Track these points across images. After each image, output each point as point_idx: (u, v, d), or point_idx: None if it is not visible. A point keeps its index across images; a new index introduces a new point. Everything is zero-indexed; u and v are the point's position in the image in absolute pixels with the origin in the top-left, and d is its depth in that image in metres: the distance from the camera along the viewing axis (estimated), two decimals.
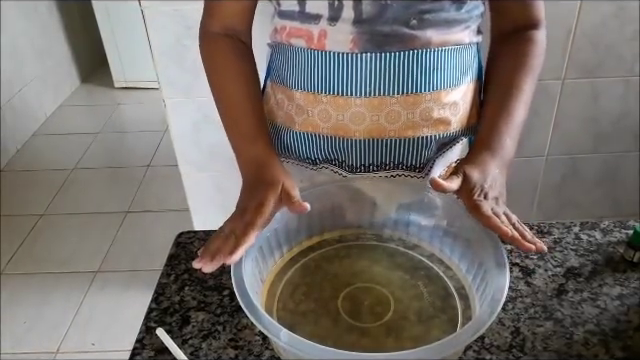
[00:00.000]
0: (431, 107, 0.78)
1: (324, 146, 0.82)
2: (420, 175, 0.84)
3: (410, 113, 0.78)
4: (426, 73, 0.76)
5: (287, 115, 0.83)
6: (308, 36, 0.76)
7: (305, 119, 0.81)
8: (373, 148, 0.80)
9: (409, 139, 0.80)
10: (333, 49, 0.75)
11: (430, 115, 0.79)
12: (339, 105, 0.78)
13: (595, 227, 0.85)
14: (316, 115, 0.80)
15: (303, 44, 0.77)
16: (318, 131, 0.81)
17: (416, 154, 0.81)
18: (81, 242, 2.22)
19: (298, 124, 0.82)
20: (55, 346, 1.79)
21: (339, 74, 0.76)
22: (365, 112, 0.77)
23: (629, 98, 1.56)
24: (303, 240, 0.77)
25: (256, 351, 0.67)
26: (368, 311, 0.67)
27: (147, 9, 1.39)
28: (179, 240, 0.87)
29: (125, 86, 3.37)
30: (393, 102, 0.77)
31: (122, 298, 1.94)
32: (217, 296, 0.75)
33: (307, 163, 0.86)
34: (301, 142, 0.84)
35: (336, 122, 0.79)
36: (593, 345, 0.67)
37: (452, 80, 0.79)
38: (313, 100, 0.79)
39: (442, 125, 0.80)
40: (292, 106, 0.82)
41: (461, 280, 0.70)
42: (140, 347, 0.69)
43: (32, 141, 2.94)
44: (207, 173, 1.66)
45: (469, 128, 0.85)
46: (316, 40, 0.76)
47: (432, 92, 0.78)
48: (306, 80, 0.79)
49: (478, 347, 0.67)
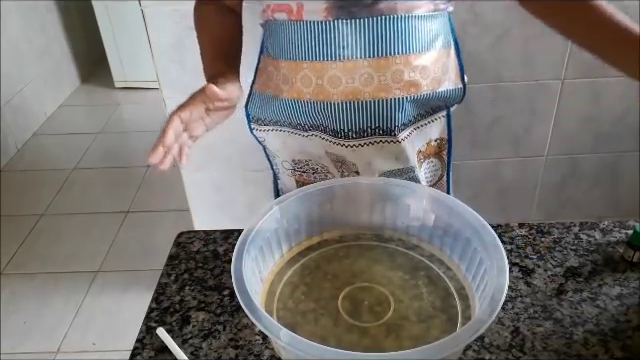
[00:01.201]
0: (401, 70, 0.84)
1: (308, 111, 0.88)
2: (396, 140, 0.88)
3: (382, 75, 0.84)
4: (394, 38, 0.82)
5: (276, 85, 0.90)
6: (288, 9, 0.84)
7: (290, 87, 0.87)
8: (351, 110, 0.86)
9: (382, 100, 0.85)
10: (309, 18, 0.83)
11: (401, 77, 0.84)
12: (317, 70, 0.84)
13: (595, 227, 0.85)
14: (299, 81, 0.86)
15: (285, 17, 0.85)
16: (302, 97, 0.87)
17: (390, 117, 0.86)
18: (81, 242, 2.22)
19: (285, 92, 0.89)
20: (55, 346, 1.79)
21: (316, 41, 0.83)
22: (341, 75, 0.84)
23: (629, 98, 1.56)
24: (303, 240, 0.77)
25: (256, 351, 0.67)
26: (368, 311, 0.67)
27: (147, 9, 1.39)
28: (179, 240, 0.87)
29: (125, 86, 3.37)
30: (365, 65, 0.83)
31: (122, 298, 1.95)
32: (217, 296, 0.76)
33: (299, 130, 0.92)
34: (289, 109, 0.90)
35: (316, 87, 0.85)
36: (592, 345, 0.67)
37: (420, 45, 0.84)
38: (295, 67, 0.86)
39: (413, 87, 0.85)
40: (279, 76, 0.89)
41: (461, 280, 0.70)
42: (140, 347, 0.69)
43: (32, 141, 2.94)
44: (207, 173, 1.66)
45: (442, 98, 0.90)
46: (295, 12, 0.83)
47: (401, 55, 0.83)
48: (288, 49, 0.86)
49: (478, 347, 0.67)
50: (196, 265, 0.81)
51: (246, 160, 1.65)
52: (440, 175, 0.99)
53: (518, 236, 0.84)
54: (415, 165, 0.93)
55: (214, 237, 0.87)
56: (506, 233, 0.85)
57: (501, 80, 1.52)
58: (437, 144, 0.96)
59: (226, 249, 0.84)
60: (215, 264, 0.81)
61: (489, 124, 1.60)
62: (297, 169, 0.99)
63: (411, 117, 0.88)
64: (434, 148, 0.96)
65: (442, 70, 0.88)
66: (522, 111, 1.59)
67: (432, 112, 0.91)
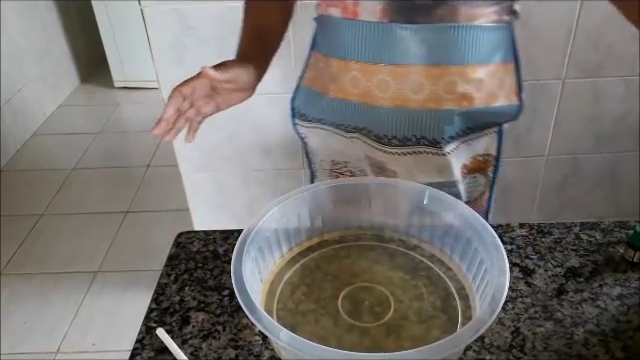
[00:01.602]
0: (455, 81, 0.80)
1: (353, 113, 0.86)
2: (441, 152, 0.85)
3: (434, 85, 0.80)
4: (452, 47, 0.78)
5: (324, 82, 0.88)
6: (343, 6, 0.81)
7: (338, 86, 0.85)
8: (397, 117, 0.83)
9: (431, 110, 0.82)
10: (364, 18, 0.79)
11: (454, 89, 0.80)
12: (367, 72, 0.81)
13: (595, 227, 0.85)
14: (347, 81, 0.84)
15: (339, 14, 0.82)
16: (348, 98, 0.85)
17: (438, 128, 0.83)
18: (81, 242, 2.22)
19: (332, 90, 0.86)
20: (55, 346, 1.79)
21: (368, 42, 0.80)
22: (390, 80, 0.81)
23: (630, 98, 1.56)
24: (303, 240, 0.76)
25: (256, 351, 0.67)
26: (368, 311, 0.67)
27: (147, 9, 1.39)
28: (179, 240, 0.87)
29: (125, 86, 3.37)
30: (417, 72, 0.80)
31: (122, 298, 1.94)
32: (217, 296, 0.75)
33: (342, 130, 0.90)
34: (334, 109, 0.88)
35: (364, 89, 0.82)
36: (593, 345, 0.67)
37: (478, 56, 0.80)
38: (345, 66, 0.83)
39: (465, 100, 0.81)
40: (328, 73, 0.87)
41: (461, 280, 0.70)
42: (140, 347, 0.69)
43: (32, 141, 2.94)
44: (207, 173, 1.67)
45: (495, 114, 0.85)
46: (350, 9, 0.80)
47: (457, 65, 0.79)
48: (340, 47, 0.83)
49: (478, 347, 0.67)
50: (196, 265, 0.81)
51: (246, 160, 1.65)
52: (481, 192, 0.95)
53: (518, 236, 0.84)
54: (458, 179, 0.89)
55: (214, 237, 0.86)
56: (506, 233, 0.85)
57: None
58: (483, 159, 0.91)
59: (226, 249, 0.84)
60: (215, 264, 0.81)
61: None
62: (335, 170, 0.97)
63: (459, 130, 0.84)
64: (480, 163, 0.91)
65: (498, 85, 0.83)
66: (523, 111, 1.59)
67: (483, 127, 0.87)
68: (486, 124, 0.87)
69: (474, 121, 0.85)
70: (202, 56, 1.45)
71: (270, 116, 1.56)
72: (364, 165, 0.93)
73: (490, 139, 0.89)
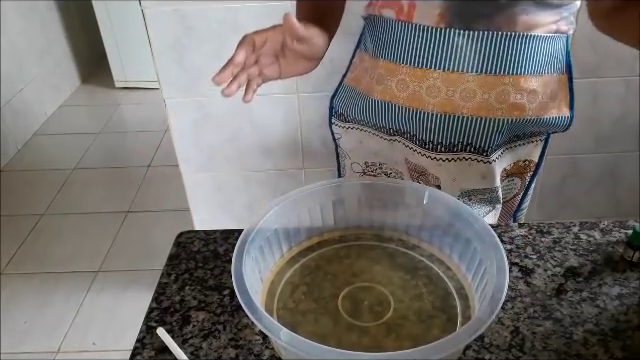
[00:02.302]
0: (508, 90, 0.79)
1: (399, 116, 0.84)
2: (487, 160, 0.84)
3: (486, 93, 0.79)
4: (507, 56, 0.77)
5: (369, 83, 0.87)
6: (398, 7, 0.79)
7: (384, 88, 0.84)
8: (445, 123, 0.82)
9: (482, 119, 0.81)
10: (420, 22, 0.78)
11: (506, 98, 0.79)
12: (417, 76, 0.80)
13: (594, 227, 0.85)
14: (394, 84, 0.82)
15: (392, 15, 0.80)
16: (395, 100, 0.83)
17: (486, 136, 0.82)
18: (81, 242, 2.22)
19: (377, 92, 0.85)
20: (56, 346, 1.79)
21: (422, 46, 0.78)
22: (441, 85, 0.80)
23: (629, 98, 1.56)
24: (303, 240, 0.77)
25: (256, 350, 0.67)
26: (368, 311, 0.67)
27: (147, 9, 1.39)
28: (179, 240, 0.87)
29: (125, 86, 3.37)
30: (470, 79, 0.78)
31: (122, 298, 1.95)
32: (217, 296, 0.76)
33: (383, 133, 0.89)
34: (379, 110, 0.86)
35: (412, 93, 0.81)
36: (592, 345, 0.67)
37: (533, 67, 0.79)
38: (394, 69, 0.82)
39: (517, 110, 0.80)
40: (374, 74, 0.85)
41: (461, 280, 0.70)
42: (141, 347, 0.69)
43: (32, 141, 2.94)
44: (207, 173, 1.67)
45: (545, 125, 0.84)
46: (405, 11, 0.78)
47: (511, 76, 0.78)
48: (390, 49, 0.82)
49: (478, 346, 0.67)
50: (196, 265, 0.81)
51: (246, 160, 1.66)
52: (515, 194, 0.95)
53: (518, 236, 0.84)
54: (499, 185, 0.88)
55: (214, 237, 0.87)
56: (506, 233, 0.85)
57: None
58: (524, 165, 0.91)
59: (226, 249, 0.84)
60: (215, 264, 0.81)
61: None
62: (368, 172, 0.95)
63: (507, 138, 0.84)
64: (520, 168, 0.91)
65: (551, 96, 0.82)
66: None
67: (530, 135, 0.86)
68: (534, 133, 0.86)
69: (523, 130, 0.84)
70: (202, 56, 1.45)
71: (271, 116, 1.56)
72: (402, 168, 0.91)
73: (534, 146, 0.88)
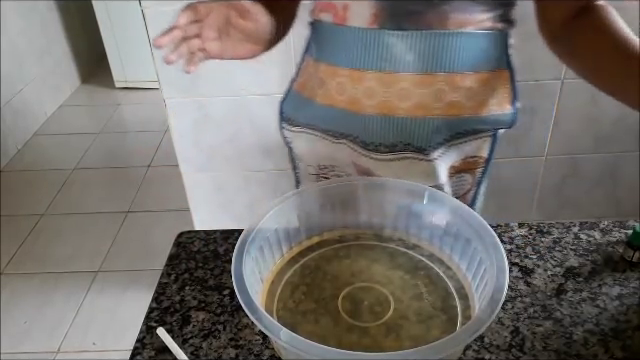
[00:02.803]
0: (443, 89, 0.78)
1: (339, 120, 0.85)
2: (428, 159, 0.84)
3: (422, 93, 0.78)
4: (441, 54, 0.76)
5: (312, 88, 0.87)
6: (334, 10, 0.79)
7: (325, 92, 0.84)
8: (383, 125, 0.82)
9: (419, 119, 0.80)
10: (354, 24, 0.78)
11: (442, 97, 0.79)
12: (354, 78, 0.80)
13: (594, 227, 0.85)
14: (334, 88, 0.82)
15: (330, 19, 0.81)
16: (335, 104, 0.84)
17: (425, 136, 0.81)
18: (82, 242, 2.22)
19: (319, 96, 0.85)
20: (56, 346, 1.79)
21: (356, 48, 0.78)
22: (377, 87, 0.79)
23: None
24: (303, 240, 0.77)
25: (256, 350, 0.67)
26: (368, 311, 0.67)
27: (147, 9, 1.39)
28: (179, 240, 0.87)
29: (125, 86, 3.38)
30: (405, 79, 0.78)
31: (122, 298, 1.95)
32: (217, 296, 0.76)
33: (329, 136, 0.89)
34: (321, 115, 0.86)
35: (350, 96, 0.81)
36: (592, 345, 0.67)
37: (469, 65, 0.78)
38: (332, 72, 0.82)
39: (454, 109, 0.80)
40: (316, 79, 0.85)
41: (461, 280, 0.70)
42: (141, 347, 0.69)
43: (32, 141, 2.94)
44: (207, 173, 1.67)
45: (486, 123, 0.84)
46: (340, 14, 0.79)
47: (446, 74, 0.78)
48: (329, 53, 0.83)
49: (478, 346, 0.67)
50: (196, 265, 0.81)
51: (246, 160, 1.66)
52: (467, 190, 0.94)
53: (518, 236, 0.84)
54: (445, 182, 0.88)
55: (214, 237, 0.87)
56: (506, 233, 0.85)
57: None
58: (473, 161, 0.90)
59: (226, 249, 0.84)
60: (215, 264, 0.81)
61: None
62: (322, 174, 0.95)
63: (448, 137, 0.83)
64: (469, 164, 0.90)
65: (490, 93, 0.82)
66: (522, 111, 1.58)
67: (473, 133, 0.85)
68: (476, 130, 0.85)
69: (464, 128, 0.83)
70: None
71: (270, 117, 1.56)
72: (351, 170, 0.91)
73: (482, 142, 0.87)
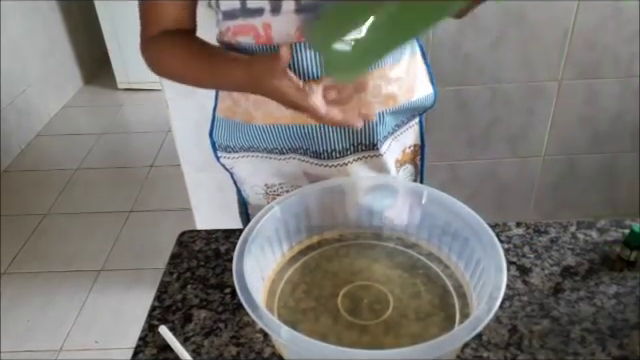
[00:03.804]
0: (379, 84, 0.83)
1: (286, 136, 0.85)
2: (378, 154, 0.87)
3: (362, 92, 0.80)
4: None
5: (245, 111, 0.86)
6: (254, 31, 0.78)
7: (264, 112, 0.83)
8: (331, 132, 0.84)
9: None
10: (280, 40, 0.77)
11: (379, 91, 0.83)
12: None
13: (592, 226, 0.86)
14: (274, 106, 0.79)
15: (250, 40, 0.79)
16: (278, 122, 0.84)
17: (373, 132, 0.85)
18: (84, 241, 2.23)
19: (258, 118, 0.85)
20: (58, 344, 1.80)
21: (291, 64, 0.76)
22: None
23: (626, 98, 1.57)
24: (303, 239, 0.77)
25: (257, 348, 0.68)
26: (367, 309, 0.68)
27: None
28: (181, 239, 0.87)
29: (128, 87, 3.38)
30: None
31: (125, 297, 1.96)
32: (219, 294, 0.76)
33: (275, 154, 0.89)
34: (264, 135, 0.86)
35: (293, 111, 0.77)
36: (590, 343, 0.68)
37: (392, 56, 0.83)
38: None
39: (391, 100, 0.85)
40: (249, 102, 0.84)
41: (459, 279, 0.71)
42: (143, 345, 0.70)
43: (36, 142, 2.95)
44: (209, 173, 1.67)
45: (417, 106, 0.90)
46: (262, 33, 0.77)
47: (377, 69, 0.81)
48: None
49: (476, 345, 0.68)
50: (198, 264, 0.82)
51: None
52: (412, 180, 0.99)
53: (515, 235, 0.85)
54: (395, 175, 0.92)
55: (216, 236, 0.87)
56: (503, 232, 0.85)
57: (499, 81, 1.53)
58: (412, 151, 0.96)
59: (228, 248, 0.85)
60: (217, 263, 0.82)
61: (487, 125, 1.61)
62: (270, 192, 0.95)
63: (390, 129, 0.88)
64: (409, 155, 0.96)
65: (413, 78, 0.88)
66: (519, 112, 1.60)
67: (407, 121, 0.92)
68: (409, 117, 0.91)
69: (400, 117, 0.89)
70: None
71: None
72: (302, 182, 0.91)
73: (414, 131, 0.94)
